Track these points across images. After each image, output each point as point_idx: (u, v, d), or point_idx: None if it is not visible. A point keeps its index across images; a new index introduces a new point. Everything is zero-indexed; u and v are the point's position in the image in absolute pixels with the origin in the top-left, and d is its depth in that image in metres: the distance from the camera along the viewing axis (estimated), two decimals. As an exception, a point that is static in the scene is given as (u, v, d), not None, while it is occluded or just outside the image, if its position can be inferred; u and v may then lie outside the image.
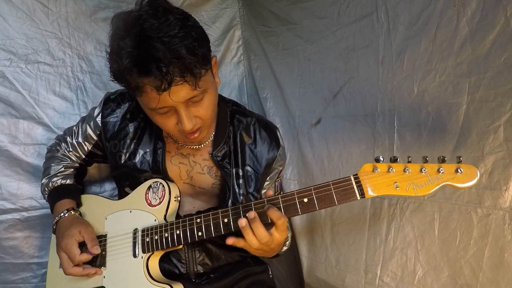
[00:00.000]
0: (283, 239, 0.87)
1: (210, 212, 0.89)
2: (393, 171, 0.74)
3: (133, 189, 1.04)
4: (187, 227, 0.91)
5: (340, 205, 0.88)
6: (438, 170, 0.71)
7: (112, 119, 1.05)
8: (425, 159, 0.73)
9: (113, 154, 1.05)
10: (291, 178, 1.40)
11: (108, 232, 1.03)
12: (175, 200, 0.99)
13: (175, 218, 0.98)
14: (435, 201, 0.90)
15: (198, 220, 0.90)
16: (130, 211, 1.01)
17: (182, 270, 1.05)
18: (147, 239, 0.95)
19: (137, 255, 0.96)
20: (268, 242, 0.84)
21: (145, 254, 0.95)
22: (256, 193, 1.05)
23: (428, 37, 0.88)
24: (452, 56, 0.84)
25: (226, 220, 0.87)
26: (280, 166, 1.11)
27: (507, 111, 0.75)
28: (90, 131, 1.09)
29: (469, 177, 0.70)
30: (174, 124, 0.87)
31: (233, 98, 1.48)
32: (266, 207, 0.84)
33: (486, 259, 0.80)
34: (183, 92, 0.80)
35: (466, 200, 0.84)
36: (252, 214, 0.82)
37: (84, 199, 1.13)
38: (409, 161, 0.74)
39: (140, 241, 0.96)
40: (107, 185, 1.38)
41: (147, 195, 1.00)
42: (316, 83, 1.27)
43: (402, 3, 0.94)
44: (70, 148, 1.13)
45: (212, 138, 1.04)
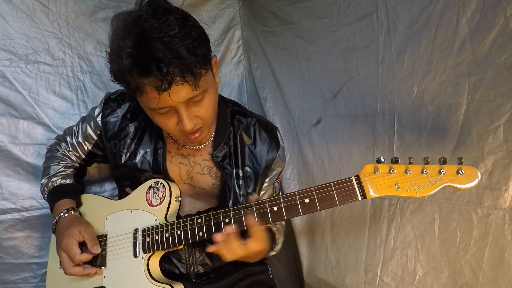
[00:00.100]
0: (259, 249, 0.86)
1: (211, 212, 0.89)
2: (394, 172, 0.75)
3: (134, 189, 1.04)
4: (188, 227, 0.91)
5: (341, 205, 0.88)
6: (439, 171, 0.71)
7: (113, 119, 1.05)
8: (426, 160, 0.73)
9: (114, 154, 1.05)
10: (291, 178, 1.40)
11: (109, 232, 1.03)
12: (176, 200, 0.99)
13: (176, 218, 0.98)
14: (435, 201, 0.90)
15: (199, 220, 0.90)
16: (131, 211, 1.02)
17: (183, 270, 1.05)
18: (148, 239, 0.95)
19: (138, 255, 0.96)
20: (243, 254, 0.84)
21: (146, 254, 0.95)
22: (255, 194, 1.05)
23: (428, 37, 0.88)
24: (452, 56, 0.84)
25: (227, 220, 0.87)
26: (279, 167, 1.10)
27: (507, 111, 0.75)
28: (90, 131, 1.09)
29: (470, 179, 0.70)
30: (175, 124, 0.87)
31: (233, 98, 1.48)
32: (245, 213, 0.84)
33: (486, 259, 0.80)
34: (183, 92, 0.80)
35: (466, 200, 0.84)
36: (229, 229, 0.84)
37: (84, 199, 1.13)
38: (410, 162, 0.74)
39: (141, 241, 0.96)
40: (107, 185, 1.39)
41: (148, 195, 1.00)
42: (316, 83, 1.27)
43: (402, 3, 0.94)
44: (70, 148, 1.13)
45: (212, 139, 1.04)
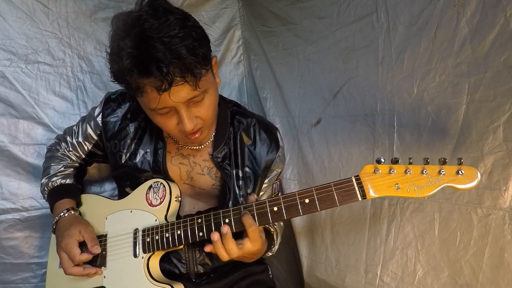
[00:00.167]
0: (255, 250, 0.86)
1: (211, 212, 0.89)
2: (394, 173, 0.75)
3: (134, 189, 1.04)
4: (188, 227, 0.91)
5: (341, 206, 0.88)
6: (439, 172, 0.72)
7: (113, 119, 1.05)
8: (426, 161, 0.73)
9: (114, 154, 1.05)
10: (291, 178, 1.40)
11: (109, 232, 1.03)
12: (176, 200, 0.99)
13: (176, 219, 0.98)
14: (435, 201, 0.90)
15: (199, 220, 0.90)
16: (131, 211, 1.02)
17: (182, 270, 1.05)
18: (148, 239, 0.95)
19: (138, 255, 0.96)
20: (239, 254, 0.84)
21: (146, 254, 0.95)
22: (255, 195, 1.04)
23: (428, 37, 0.88)
24: (452, 56, 0.84)
25: (228, 221, 0.87)
26: (279, 168, 1.10)
27: (507, 111, 0.75)
28: (91, 131, 1.09)
29: (470, 179, 0.70)
30: (175, 125, 0.87)
31: (233, 98, 1.48)
32: (242, 213, 0.84)
33: (486, 259, 0.80)
34: (184, 93, 0.80)
35: (466, 200, 0.84)
36: (225, 230, 0.83)
37: (84, 199, 1.13)
38: (410, 163, 0.74)
39: (141, 241, 0.96)
40: (107, 185, 1.39)
41: (148, 195, 1.00)
42: (316, 83, 1.27)
43: (402, 3, 0.94)
44: (70, 148, 1.13)
45: (212, 139, 1.04)
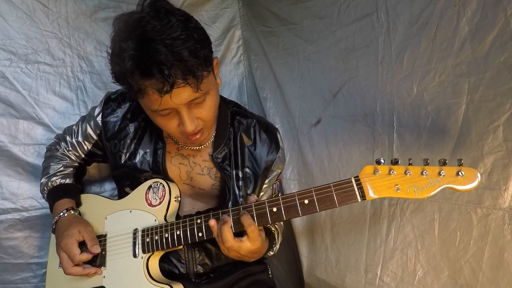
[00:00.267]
0: (255, 248, 0.86)
1: (211, 213, 0.89)
2: (394, 174, 0.75)
3: (133, 189, 1.04)
4: (188, 228, 0.91)
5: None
6: (439, 173, 0.71)
7: (113, 119, 1.05)
8: (426, 162, 0.73)
9: (113, 154, 1.05)
10: (291, 178, 1.40)
11: (108, 232, 1.03)
12: (175, 201, 0.99)
13: (175, 219, 0.98)
14: (435, 201, 0.90)
15: (199, 221, 0.90)
16: (130, 211, 1.02)
17: (182, 270, 1.05)
18: (147, 239, 0.95)
19: (137, 255, 0.96)
20: (235, 248, 0.83)
21: (145, 254, 0.95)
22: (255, 195, 1.04)
23: (428, 37, 0.88)
24: (452, 56, 0.84)
25: (223, 217, 0.86)
26: (279, 169, 1.10)
27: (507, 111, 0.75)
28: (90, 131, 1.09)
29: (470, 180, 0.70)
30: (176, 126, 0.87)
31: (233, 98, 1.48)
32: (241, 213, 0.84)
33: (486, 259, 0.80)
34: (185, 94, 0.80)
35: (466, 200, 0.84)
36: (225, 218, 0.84)
37: (84, 199, 1.13)
38: (410, 164, 0.74)
39: (140, 241, 0.96)
40: (107, 185, 1.39)
41: (147, 195, 1.00)
42: (316, 83, 1.27)
43: (402, 3, 0.94)
44: (70, 148, 1.13)
45: (213, 140, 1.04)
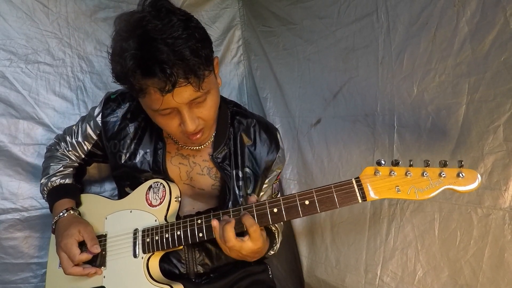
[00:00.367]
0: (256, 248, 0.86)
1: (211, 213, 0.89)
2: (395, 175, 0.75)
3: (134, 189, 1.04)
4: (188, 228, 0.91)
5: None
6: (440, 174, 0.72)
7: (112, 119, 1.05)
8: (427, 163, 0.73)
9: (113, 154, 1.05)
10: (291, 178, 1.40)
11: (108, 232, 1.03)
12: (176, 201, 0.99)
13: (175, 219, 0.98)
14: (435, 201, 0.90)
15: (199, 221, 0.90)
16: (131, 211, 1.01)
17: (182, 270, 1.05)
18: (148, 240, 0.95)
19: (138, 255, 0.96)
20: (237, 247, 0.83)
21: (146, 255, 0.95)
22: (255, 195, 1.04)
23: (428, 37, 0.88)
24: (452, 56, 0.84)
25: (227, 217, 0.86)
26: (279, 169, 1.10)
27: (507, 111, 0.75)
28: (90, 131, 1.09)
29: (471, 181, 0.71)
30: (177, 125, 0.87)
31: (233, 98, 1.48)
32: (242, 213, 0.84)
33: (486, 259, 0.80)
34: (187, 94, 0.80)
35: (466, 200, 0.84)
36: (229, 219, 0.84)
37: (84, 199, 1.13)
38: (411, 165, 0.74)
39: (141, 241, 0.96)
40: (107, 185, 1.39)
41: (148, 195, 1.00)
42: (316, 83, 1.27)
43: (402, 3, 0.94)
44: (70, 148, 1.13)
45: (212, 139, 1.04)
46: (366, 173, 0.77)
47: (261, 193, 1.09)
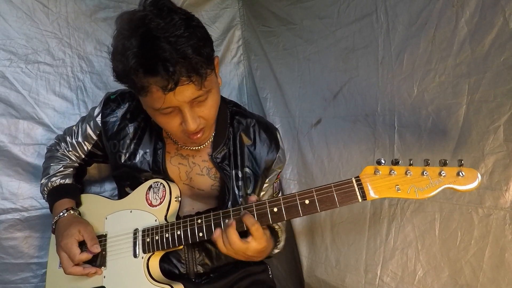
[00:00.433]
0: (261, 247, 0.86)
1: (211, 213, 0.89)
2: (395, 174, 0.75)
3: (134, 189, 1.04)
4: (188, 228, 0.91)
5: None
6: (440, 173, 0.72)
7: (112, 119, 1.05)
8: (427, 162, 0.73)
9: (113, 154, 1.05)
10: (291, 178, 1.40)
11: (108, 232, 1.03)
12: (176, 201, 0.99)
13: (175, 219, 0.98)
14: (436, 201, 0.90)
15: (199, 221, 0.90)
16: (131, 211, 1.01)
17: (182, 270, 1.05)
18: (148, 239, 0.95)
19: (138, 255, 0.96)
20: (242, 249, 0.83)
21: (146, 254, 0.95)
22: (255, 195, 1.04)
23: (427, 38, 0.88)
24: (451, 57, 0.84)
25: (227, 221, 0.86)
26: (279, 168, 1.10)
27: (507, 111, 0.75)
28: (90, 131, 1.09)
29: (470, 180, 0.70)
30: (178, 125, 0.87)
31: (233, 98, 1.48)
32: (243, 213, 0.84)
33: (487, 259, 0.80)
34: (189, 92, 0.80)
35: (467, 200, 0.84)
36: (230, 222, 0.84)
37: (84, 199, 1.13)
38: (411, 164, 0.74)
39: (141, 241, 0.96)
40: (107, 185, 1.39)
41: (148, 195, 1.00)
42: (316, 83, 1.27)
43: (401, 3, 0.94)
44: (70, 148, 1.13)
45: (212, 139, 1.04)
46: (366, 172, 0.77)
47: (262, 193, 1.09)
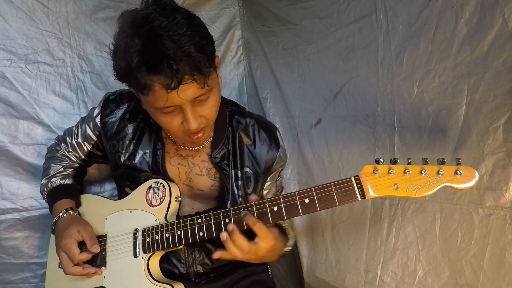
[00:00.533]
0: (270, 246, 0.86)
1: (211, 213, 0.89)
2: (394, 173, 0.75)
3: (133, 189, 1.04)
4: (188, 227, 0.91)
5: (341, 205, 0.88)
6: (438, 172, 0.72)
7: (111, 120, 1.05)
8: (425, 161, 0.73)
9: (113, 155, 1.05)
10: (291, 178, 1.41)
11: (108, 232, 1.03)
12: (176, 201, 0.99)
13: (175, 219, 0.98)
14: (437, 202, 0.90)
15: (199, 221, 0.90)
16: (131, 211, 1.01)
17: (182, 270, 1.05)
18: (148, 239, 0.95)
19: (138, 255, 0.96)
20: (253, 251, 0.83)
21: (146, 254, 0.95)
22: (255, 195, 1.04)
23: (427, 38, 0.89)
24: (451, 57, 0.84)
25: (227, 220, 0.87)
26: (281, 167, 1.10)
27: (506, 112, 0.75)
28: (90, 132, 1.09)
29: (468, 179, 0.71)
30: (179, 124, 0.87)
31: (233, 98, 1.48)
32: (243, 214, 0.84)
33: (487, 259, 0.80)
34: (191, 91, 0.80)
35: (467, 201, 0.84)
36: (231, 227, 0.83)
37: (84, 199, 1.13)
38: (409, 163, 0.75)
39: (141, 241, 0.96)
40: (107, 185, 1.39)
41: (148, 195, 1.00)
42: (316, 83, 1.27)
43: (401, 4, 0.94)
44: (70, 149, 1.13)
45: (211, 139, 1.04)
46: (365, 171, 0.78)
47: (266, 191, 1.10)
